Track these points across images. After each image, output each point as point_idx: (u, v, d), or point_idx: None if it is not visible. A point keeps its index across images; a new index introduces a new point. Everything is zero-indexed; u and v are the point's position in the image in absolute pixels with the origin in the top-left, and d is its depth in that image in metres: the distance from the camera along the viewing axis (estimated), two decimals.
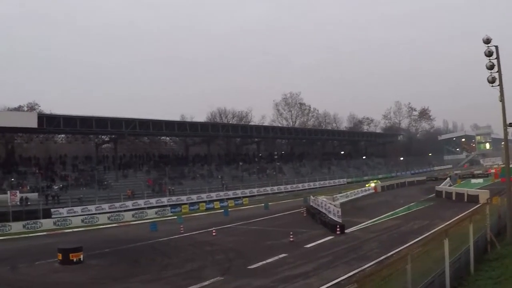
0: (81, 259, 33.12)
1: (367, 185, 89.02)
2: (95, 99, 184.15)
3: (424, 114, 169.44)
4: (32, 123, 66.27)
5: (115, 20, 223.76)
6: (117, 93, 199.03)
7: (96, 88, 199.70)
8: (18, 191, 62.20)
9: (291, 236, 38.32)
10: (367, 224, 45.61)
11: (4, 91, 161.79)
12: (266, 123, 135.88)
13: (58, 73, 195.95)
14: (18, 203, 60.44)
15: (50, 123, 69.80)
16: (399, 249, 30.60)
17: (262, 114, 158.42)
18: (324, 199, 55.26)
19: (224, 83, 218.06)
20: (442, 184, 75.47)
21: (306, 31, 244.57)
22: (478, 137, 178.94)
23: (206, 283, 25.35)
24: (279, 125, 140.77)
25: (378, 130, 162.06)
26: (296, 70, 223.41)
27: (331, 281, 23.99)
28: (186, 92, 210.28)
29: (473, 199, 56.62)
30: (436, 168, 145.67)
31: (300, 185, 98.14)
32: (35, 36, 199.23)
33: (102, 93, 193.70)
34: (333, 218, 44.58)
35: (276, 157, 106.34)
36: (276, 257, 31.17)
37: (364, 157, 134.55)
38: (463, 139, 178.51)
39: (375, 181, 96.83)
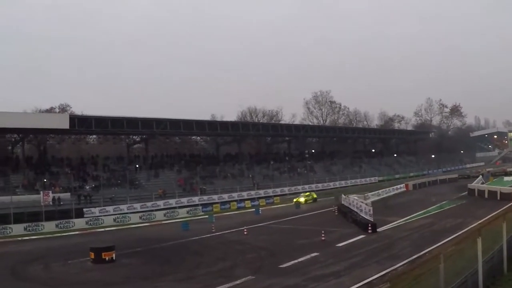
0: (113, 258, 33.35)
1: (294, 200, 74.29)
2: (125, 100, 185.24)
3: (455, 110, 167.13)
4: (64, 124, 67.02)
5: (141, 21, 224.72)
6: (147, 94, 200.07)
7: (126, 89, 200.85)
8: (50, 191, 62.78)
9: (323, 235, 38.11)
10: (399, 222, 45.21)
11: (36, 93, 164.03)
12: (296, 122, 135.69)
13: (87, 74, 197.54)
14: (51, 203, 61.03)
15: (81, 124, 70.55)
16: (431, 248, 30.24)
17: (293, 112, 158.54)
18: (356, 197, 54.91)
19: (254, 82, 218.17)
20: (474, 182, 74.43)
21: (335, 28, 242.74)
22: (510, 134, 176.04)
23: (238, 282, 25.34)
24: (310, 123, 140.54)
25: (409, 128, 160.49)
26: (326, 68, 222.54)
27: (363, 281, 23.76)
28: (216, 92, 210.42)
29: (506, 197, 55.76)
30: (468, 165, 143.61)
31: (331, 183, 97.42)
32: (66, 39, 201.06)
33: (132, 94, 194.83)
34: (365, 216, 44.31)
35: (307, 155, 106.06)
36: (308, 256, 31.03)
37: (395, 155, 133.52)
38: (495, 136, 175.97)
39: (306, 193, 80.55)
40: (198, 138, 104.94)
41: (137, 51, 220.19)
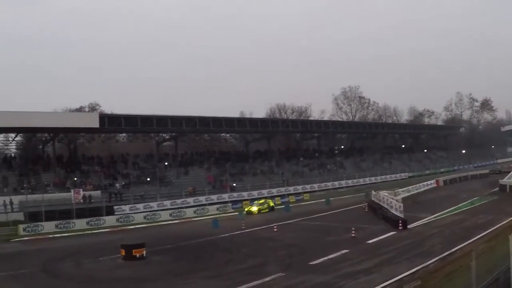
0: (144, 255, 33.65)
1: (246, 209, 66.55)
2: (153, 98, 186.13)
3: (486, 105, 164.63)
4: (94, 123, 67.55)
5: (167, 19, 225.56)
6: (176, 92, 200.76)
7: (154, 87, 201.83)
8: (81, 189, 63.45)
9: (353, 232, 38.02)
10: (430, 219, 44.89)
11: (65, 92, 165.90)
12: (325, 118, 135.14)
13: (114, 73, 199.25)
14: (82, 200, 61.70)
15: (111, 123, 71.07)
16: (462, 245, 30.05)
17: (322, 108, 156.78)
18: (386, 193, 54.62)
19: (282, 79, 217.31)
20: (506, 178, 73.35)
21: (363, 23, 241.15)
22: None
23: (268, 279, 25.37)
24: (339, 119, 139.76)
25: (439, 123, 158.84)
26: (355, 63, 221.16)
27: (394, 278, 23.56)
28: (245, 89, 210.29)
29: None
30: (499, 160, 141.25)
31: (361, 179, 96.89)
32: (92, 40, 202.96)
33: (160, 92, 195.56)
34: (395, 213, 44.12)
35: (336, 151, 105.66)
36: (338, 253, 31.00)
37: (425, 151, 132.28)
38: None
39: (261, 201, 69.22)
40: (228, 135, 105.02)
41: (164, 51, 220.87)
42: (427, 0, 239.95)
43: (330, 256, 30.14)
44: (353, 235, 37.63)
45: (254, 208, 65.00)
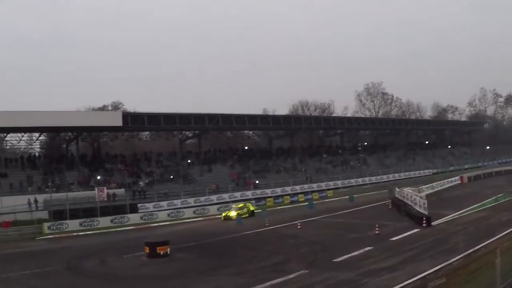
0: (168, 253, 33.91)
1: (223, 214, 59.97)
2: (176, 96, 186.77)
3: (510, 100, 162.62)
4: (117, 121, 67.80)
5: (194, 15, 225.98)
6: (198, 89, 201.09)
7: (177, 85, 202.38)
8: (105, 188, 63.77)
9: (377, 229, 37.96)
10: (454, 216, 44.71)
11: (88, 91, 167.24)
12: (348, 114, 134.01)
13: (137, 73, 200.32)
14: (106, 199, 62.08)
15: (134, 121, 71.39)
16: (487, 242, 29.90)
17: (345, 105, 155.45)
18: (410, 190, 54.38)
19: (305, 75, 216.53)
20: None
21: (385, 18, 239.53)
22: None
23: (291, 276, 25.46)
24: (362, 115, 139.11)
25: (463, 119, 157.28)
26: (377, 59, 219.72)
27: (418, 275, 23.56)
28: (267, 86, 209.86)
29: None
30: None
31: (384, 176, 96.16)
32: (115, 39, 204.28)
33: (182, 90, 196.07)
34: (419, 210, 43.96)
35: (360, 148, 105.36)
36: (361, 250, 31.02)
37: (449, 147, 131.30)
38: None
39: (239, 205, 62.00)
40: (250, 132, 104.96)
41: (185, 47, 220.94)
42: None
43: (353, 253, 30.19)
44: (377, 232, 37.59)
45: (233, 213, 58.57)
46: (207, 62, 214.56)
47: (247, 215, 59.12)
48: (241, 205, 62.11)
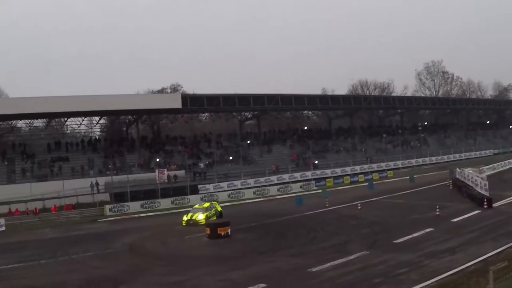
0: (229, 233, 34.04)
1: (184, 219, 43.97)
2: (235, 78, 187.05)
3: None
4: (177, 103, 68.08)
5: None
6: (258, 71, 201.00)
7: (237, 67, 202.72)
8: (165, 169, 64.38)
9: (437, 210, 37.22)
10: None
11: (147, 74, 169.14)
12: (408, 94, 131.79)
13: (195, 53, 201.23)
14: (166, 180, 62.66)
15: (193, 103, 71.46)
16: None
17: (404, 84, 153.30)
18: (471, 171, 53.18)
19: (364, 55, 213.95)
20: None
21: None
22: None
23: (352, 257, 25.16)
24: (422, 95, 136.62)
25: None
26: (437, 38, 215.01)
27: (479, 257, 23.12)
28: (326, 66, 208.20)
29: None
30: None
31: (445, 157, 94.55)
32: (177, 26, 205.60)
33: (243, 72, 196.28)
34: (480, 191, 42.88)
35: (420, 128, 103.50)
36: (422, 232, 30.49)
37: (511, 127, 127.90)
38: None
39: (205, 205, 47.52)
40: (310, 112, 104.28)
41: (245, 30, 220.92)
42: None
43: (414, 235, 29.69)
44: (437, 213, 36.86)
45: (200, 216, 43.26)
46: (266, 45, 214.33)
47: (214, 218, 44.10)
48: (206, 204, 47.72)
